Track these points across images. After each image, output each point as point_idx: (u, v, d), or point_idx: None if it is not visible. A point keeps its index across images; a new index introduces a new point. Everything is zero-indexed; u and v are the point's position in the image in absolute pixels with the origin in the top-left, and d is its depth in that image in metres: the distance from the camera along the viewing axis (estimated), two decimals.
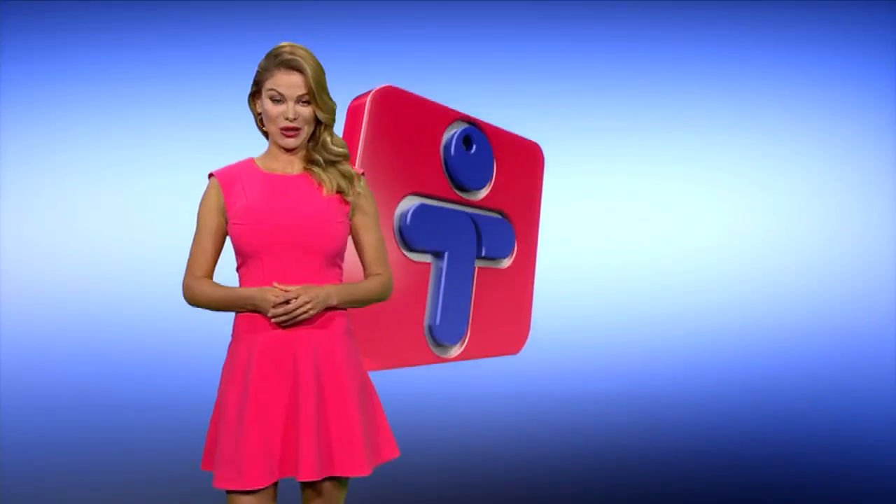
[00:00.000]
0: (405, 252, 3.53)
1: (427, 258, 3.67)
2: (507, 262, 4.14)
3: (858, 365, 4.98)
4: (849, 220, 4.48)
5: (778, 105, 4.55)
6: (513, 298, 4.15)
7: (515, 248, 4.17)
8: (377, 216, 2.11)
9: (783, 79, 4.51)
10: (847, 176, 4.58)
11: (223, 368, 1.97)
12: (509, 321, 4.13)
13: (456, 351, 3.81)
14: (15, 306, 4.55)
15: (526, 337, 4.26)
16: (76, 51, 4.63)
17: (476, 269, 3.92)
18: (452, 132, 3.72)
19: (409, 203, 3.50)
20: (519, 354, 4.20)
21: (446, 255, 3.71)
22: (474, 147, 3.82)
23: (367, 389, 2.04)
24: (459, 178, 3.76)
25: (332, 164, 2.02)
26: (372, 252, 2.08)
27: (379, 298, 2.07)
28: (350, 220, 2.04)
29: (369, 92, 3.30)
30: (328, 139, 2.01)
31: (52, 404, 4.65)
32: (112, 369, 4.61)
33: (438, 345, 3.72)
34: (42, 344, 4.62)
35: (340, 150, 2.03)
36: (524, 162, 4.24)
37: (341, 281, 2.02)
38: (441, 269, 3.67)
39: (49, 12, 4.60)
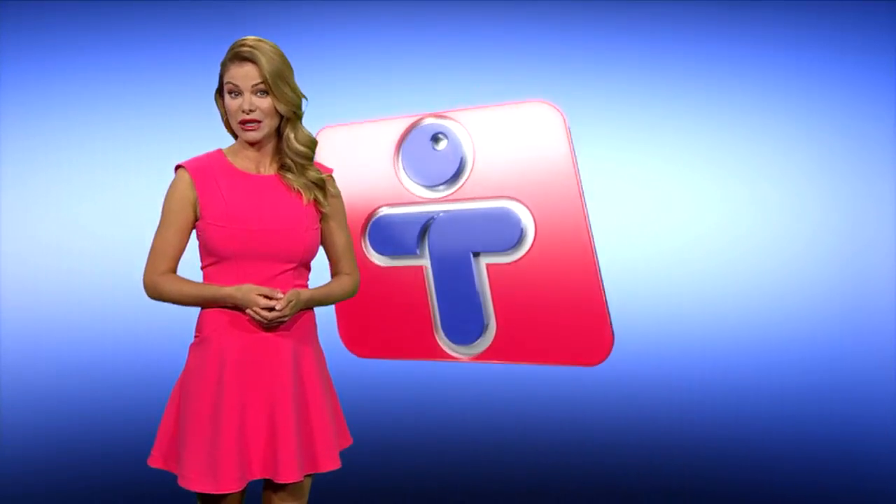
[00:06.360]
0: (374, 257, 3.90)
1: (419, 262, 3.89)
2: (517, 254, 3.94)
3: (861, 363, 4.85)
4: (850, 219, 4.36)
5: (776, 102, 4.46)
6: (552, 295, 3.71)
7: (529, 237, 3.94)
8: (345, 214, 2.16)
9: (790, 72, 4.43)
10: (848, 174, 4.48)
11: (187, 368, 1.97)
12: (562, 323, 3.67)
13: (474, 351, 3.85)
14: (14, 303, 4.59)
15: (605, 344, 3.59)
16: (76, 51, 4.65)
17: (484, 266, 3.87)
18: (413, 135, 3.86)
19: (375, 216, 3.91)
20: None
21: (428, 255, 3.85)
22: (446, 141, 3.84)
23: (329, 384, 2.12)
24: (421, 178, 3.85)
25: (302, 169, 2.01)
26: (342, 252, 2.14)
27: (349, 296, 2.16)
28: (320, 222, 2.08)
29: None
30: (291, 135, 1.98)
31: (52, 401, 4.62)
32: (112, 366, 4.61)
33: (451, 343, 3.85)
34: (42, 340, 4.66)
35: (304, 149, 1.99)
36: (526, 134, 3.82)
37: (308, 282, 2.07)
38: (428, 270, 3.87)
39: (49, 12, 4.57)
